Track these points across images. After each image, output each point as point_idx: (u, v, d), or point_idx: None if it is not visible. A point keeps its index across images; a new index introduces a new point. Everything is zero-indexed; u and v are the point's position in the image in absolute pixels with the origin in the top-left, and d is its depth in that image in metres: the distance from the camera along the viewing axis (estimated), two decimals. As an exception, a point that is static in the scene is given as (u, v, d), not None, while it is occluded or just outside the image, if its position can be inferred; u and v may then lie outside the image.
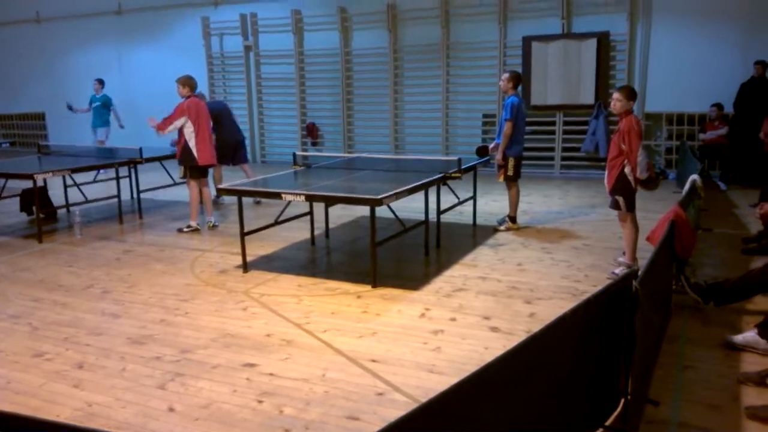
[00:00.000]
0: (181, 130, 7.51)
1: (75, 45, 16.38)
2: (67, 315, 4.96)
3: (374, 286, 5.43)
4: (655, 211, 5.46)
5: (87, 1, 15.75)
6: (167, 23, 15.10)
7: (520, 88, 7.39)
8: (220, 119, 8.83)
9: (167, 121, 7.48)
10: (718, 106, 10.38)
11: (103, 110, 12.83)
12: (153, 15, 15.10)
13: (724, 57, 10.58)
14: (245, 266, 6.03)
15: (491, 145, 7.61)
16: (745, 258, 6.06)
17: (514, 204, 7.54)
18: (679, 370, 3.78)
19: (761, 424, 3.12)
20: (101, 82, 13.04)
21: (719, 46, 10.64)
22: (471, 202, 7.86)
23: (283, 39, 13.92)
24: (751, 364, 3.76)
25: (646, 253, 4.19)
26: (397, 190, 5.47)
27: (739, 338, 4.00)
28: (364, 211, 6.70)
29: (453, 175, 6.47)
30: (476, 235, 7.40)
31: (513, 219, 7.57)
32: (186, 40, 14.82)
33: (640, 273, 3.01)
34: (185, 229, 7.70)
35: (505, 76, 7.31)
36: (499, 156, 7.30)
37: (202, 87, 14.23)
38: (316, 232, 7.17)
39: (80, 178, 8.45)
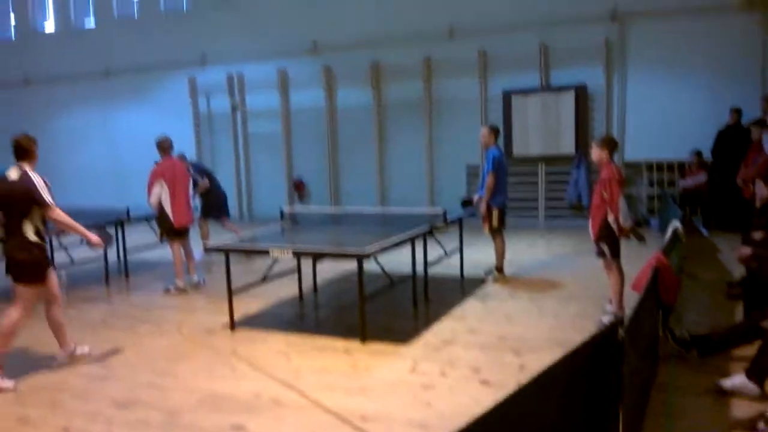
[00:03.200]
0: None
1: (61, 108, 16.54)
2: (52, 379, 4.88)
3: (363, 340, 5.41)
4: (640, 258, 5.52)
5: (76, 63, 16.00)
6: (154, 84, 15.33)
7: (500, 140, 7.57)
8: (212, 175, 9.00)
9: (148, 191, 7.59)
10: (698, 154, 10.62)
11: None
12: (140, 76, 15.34)
13: (699, 105, 10.89)
14: (233, 325, 6.00)
15: (475, 197, 7.73)
16: (729, 303, 6.11)
17: (500, 255, 7.60)
18: (669, 419, 3.77)
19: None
20: None
21: (694, 94, 10.97)
22: (458, 253, 7.92)
23: (270, 97, 14.17)
24: (741, 409, 3.77)
25: (632, 300, 4.23)
26: (384, 244, 5.51)
27: (727, 383, 4.02)
28: (351, 265, 6.72)
29: (439, 227, 6.54)
30: (464, 286, 7.43)
31: (500, 270, 7.62)
32: (173, 101, 15.04)
33: (625, 321, 3.04)
34: (172, 290, 7.66)
35: (485, 129, 7.52)
36: (483, 207, 7.40)
37: (189, 146, 14.42)
38: (304, 288, 7.16)
39: (67, 239, 8.42)
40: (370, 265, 5.60)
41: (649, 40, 11.20)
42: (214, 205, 9.65)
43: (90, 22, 16.46)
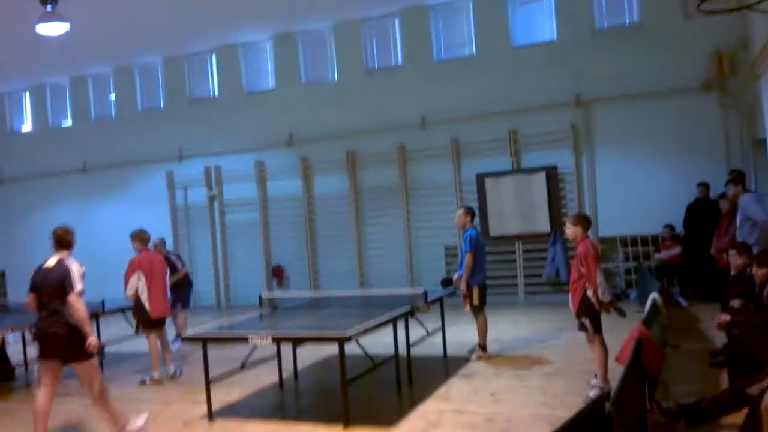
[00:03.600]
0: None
1: (37, 204, 16.47)
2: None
3: (346, 426, 5.25)
4: (622, 330, 5.53)
5: (53, 161, 16.09)
6: (131, 178, 15.43)
7: (477, 220, 7.70)
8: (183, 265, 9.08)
9: (125, 282, 7.54)
10: (670, 228, 10.85)
11: None
12: (117, 172, 15.44)
13: (667, 181, 11.19)
14: (211, 415, 5.80)
15: (455, 276, 7.76)
16: (714, 371, 6.09)
17: (482, 332, 7.56)
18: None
19: None
20: None
21: (662, 171, 11.29)
22: (440, 333, 7.84)
23: (247, 188, 14.30)
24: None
25: (618, 373, 4.20)
26: (365, 326, 5.46)
27: (719, 453, 3.95)
28: (333, 349, 6.60)
29: (420, 307, 6.51)
30: (448, 366, 7.32)
31: (483, 347, 7.55)
32: (150, 194, 15.11)
33: (612, 394, 3.02)
34: (147, 381, 7.44)
35: (460, 211, 7.72)
36: (463, 286, 7.43)
37: (166, 236, 14.33)
38: (284, 374, 6.99)
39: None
40: (351, 348, 5.51)
41: (613, 122, 11.63)
42: (187, 295, 9.66)
43: (67, 122, 16.68)
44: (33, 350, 8.18)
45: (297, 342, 6.80)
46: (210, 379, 5.86)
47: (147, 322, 7.58)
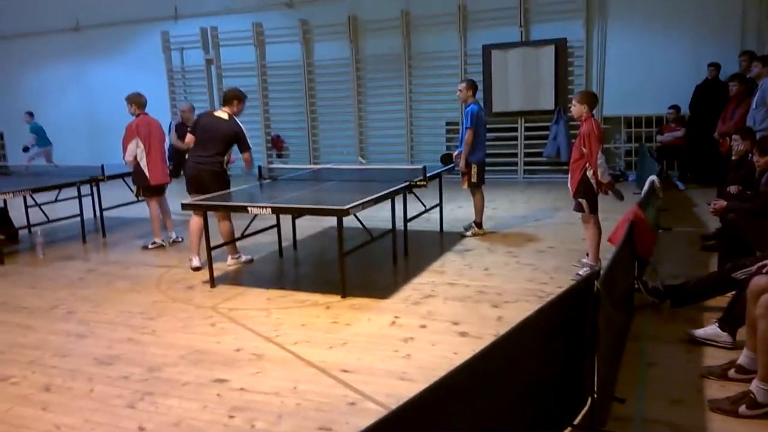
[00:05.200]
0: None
1: (32, 63, 16.09)
2: (31, 337, 4.85)
3: (343, 296, 5.44)
4: (617, 212, 5.58)
5: (44, 18, 15.50)
6: (126, 39, 14.94)
7: (480, 95, 7.50)
8: None
9: (123, 148, 7.45)
10: (676, 108, 10.66)
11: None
12: (111, 31, 14.94)
13: (678, 60, 10.89)
14: (212, 281, 5.98)
15: (455, 153, 7.70)
16: (704, 255, 6.23)
17: (479, 210, 7.63)
18: (643, 367, 3.86)
19: (724, 415, 3.21)
20: (30, 114, 13.70)
21: (673, 49, 10.95)
22: (437, 209, 7.93)
23: (245, 52, 13.89)
24: (713, 358, 3.87)
25: (609, 253, 4.29)
26: (364, 200, 5.49)
27: (700, 332, 4.11)
28: (331, 221, 6.72)
29: (418, 183, 6.52)
30: (443, 241, 7.47)
31: (479, 224, 7.66)
32: (146, 55, 14.69)
33: (601, 273, 3.08)
34: (150, 246, 7.61)
35: (462, 85, 7.43)
36: (462, 163, 7.39)
37: (163, 102, 14.16)
38: (283, 244, 7.15)
39: (41, 197, 8.28)
40: (349, 221, 5.59)
41: (629, -5, 11.11)
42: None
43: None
44: (35, 214, 8.33)
45: (296, 214, 6.90)
46: (212, 247, 5.98)
47: (147, 189, 7.61)
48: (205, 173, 6.31)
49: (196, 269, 6.45)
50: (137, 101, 7.55)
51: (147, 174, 7.46)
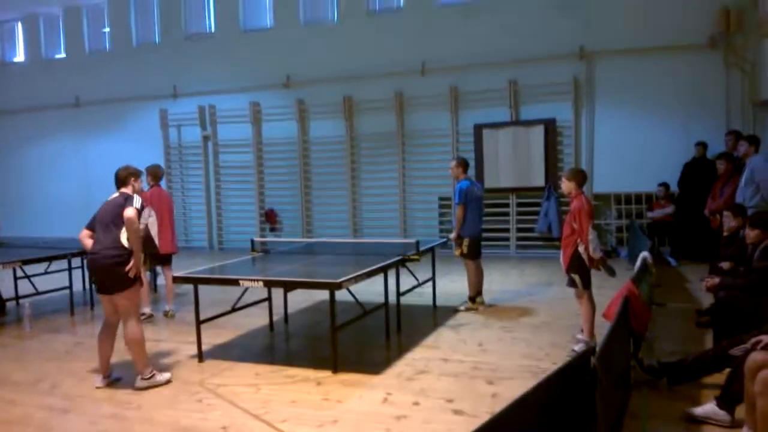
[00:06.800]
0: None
1: (31, 137, 16.33)
2: (15, 412, 4.70)
3: (335, 371, 5.33)
4: (610, 287, 5.57)
5: (46, 94, 15.86)
6: (125, 115, 15.24)
7: (472, 172, 7.63)
8: None
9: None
10: (665, 186, 10.83)
11: None
12: (111, 107, 15.25)
13: (666, 139, 11.14)
14: (200, 356, 5.86)
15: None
16: (699, 331, 6.18)
17: (472, 284, 7.61)
18: (642, 446, 3.76)
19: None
20: None
21: (661, 128, 11.23)
22: (430, 283, 7.90)
23: (242, 129, 14.16)
24: (712, 437, 3.78)
25: (603, 329, 4.25)
26: (357, 273, 5.47)
27: (699, 411, 4.03)
28: (323, 295, 6.66)
29: (412, 257, 6.52)
30: (437, 316, 7.40)
31: (472, 299, 7.62)
32: (144, 131, 14.95)
33: (597, 349, 3.04)
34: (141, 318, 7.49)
35: (453, 163, 7.65)
36: (453, 235, 7.47)
37: (160, 176, 14.28)
38: (274, 318, 7.06)
39: (31, 269, 8.20)
40: (342, 295, 5.54)
41: (616, 77, 11.48)
42: None
43: (60, 54, 16.34)
44: (24, 285, 8.24)
45: (288, 287, 6.84)
46: (201, 320, 5.89)
47: (153, 257, 7.61)
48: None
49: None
50: (153, 172, 7.87)
51: (157, 242, 7.47)
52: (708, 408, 4.00)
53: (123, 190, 5.33)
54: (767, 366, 3.20)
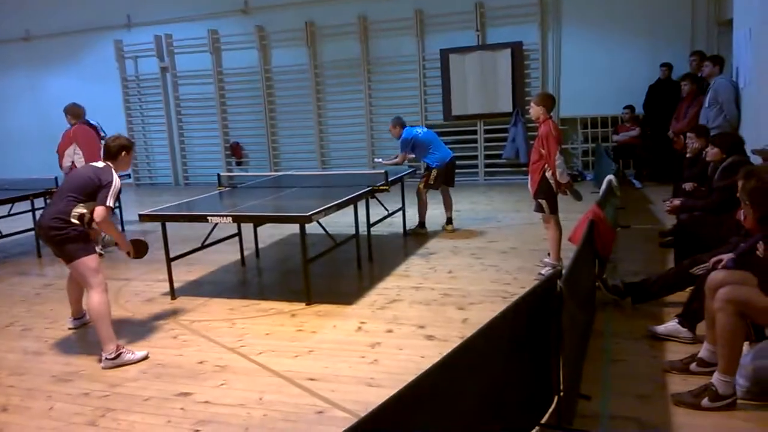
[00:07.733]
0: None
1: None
2: (-16, 357, 4.68)
3: (308, 303, 5.39)
4: (576, 211, 5.66)
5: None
6: (79, 48, 14.59)
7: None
8: None
9: (60, 155, 7.48)
10: (630, 108, 10.88)
11: None
12: (63, 40, 14.56)
13: (632, 61, 11.12)
14: (173, 293, 5.86)
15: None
16: (662, 251, 6.36)
17: (422, 212, 7.95)
18: (607, 364, 3.92)
19: (687, 409, 3.27)
20: None
21: (627, 50, 11.18)
22: (400, 213, 7.94)
23: (201, 59, 13.70)
24: (674, 352, 3.94)
25: (570, 252, 4.35)
26: (327, 206, 5.46)
27: (661, 328, 4.19)
28: (294, 228, 6.66)
29: (381, 187, 6.52)
30: (407, 245, 7.47)
31: (422, 224, 7.95)
32: (100, 65, 14.38)
33: (563, 272, 3.11)
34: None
35: (389, 127, 7.93)
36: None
37: (118, 111, 13.90)
38: (246, 253, 7.05)
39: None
40: (312, 227, 5.54)
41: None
42: None
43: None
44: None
45: (258, 222, 6.81)
46: (171, 258, 5.85)
47: None
48: None
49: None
50: (72, 111, 7.63)
51: None
52: (670, 326, 4.15)
53: (108, 162, 4.56)
54: (726, 284, 3.31)
